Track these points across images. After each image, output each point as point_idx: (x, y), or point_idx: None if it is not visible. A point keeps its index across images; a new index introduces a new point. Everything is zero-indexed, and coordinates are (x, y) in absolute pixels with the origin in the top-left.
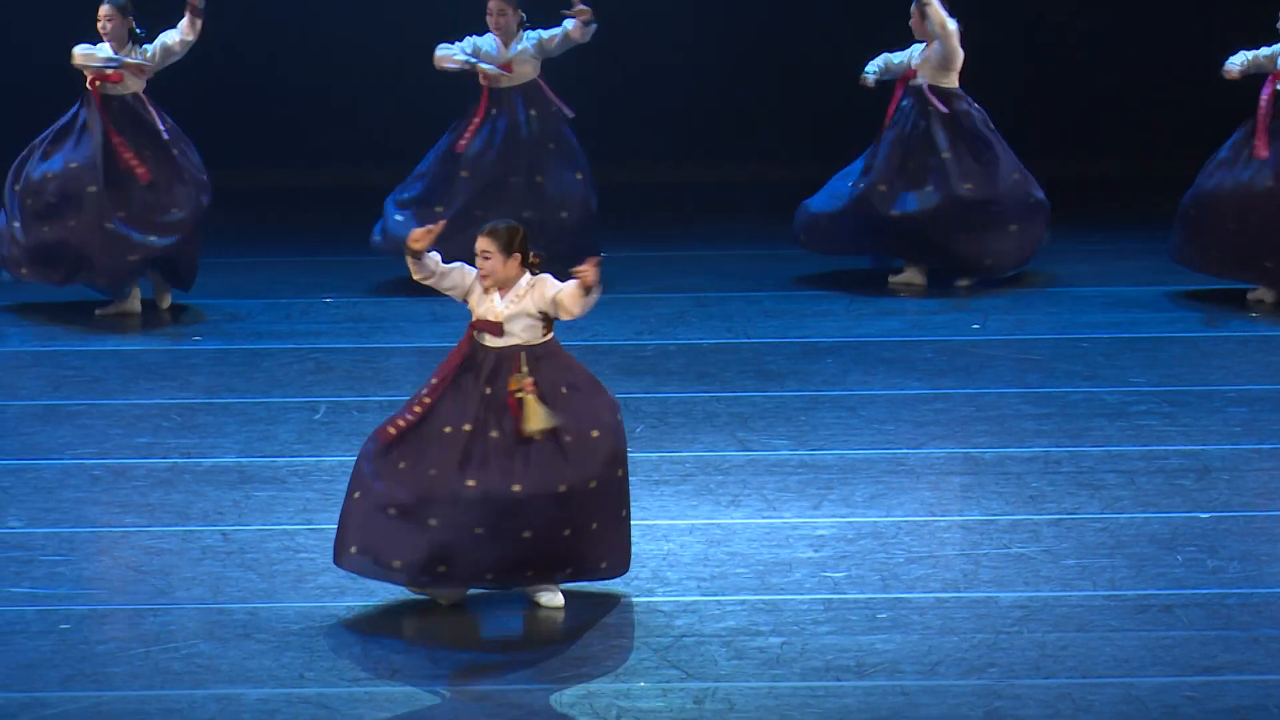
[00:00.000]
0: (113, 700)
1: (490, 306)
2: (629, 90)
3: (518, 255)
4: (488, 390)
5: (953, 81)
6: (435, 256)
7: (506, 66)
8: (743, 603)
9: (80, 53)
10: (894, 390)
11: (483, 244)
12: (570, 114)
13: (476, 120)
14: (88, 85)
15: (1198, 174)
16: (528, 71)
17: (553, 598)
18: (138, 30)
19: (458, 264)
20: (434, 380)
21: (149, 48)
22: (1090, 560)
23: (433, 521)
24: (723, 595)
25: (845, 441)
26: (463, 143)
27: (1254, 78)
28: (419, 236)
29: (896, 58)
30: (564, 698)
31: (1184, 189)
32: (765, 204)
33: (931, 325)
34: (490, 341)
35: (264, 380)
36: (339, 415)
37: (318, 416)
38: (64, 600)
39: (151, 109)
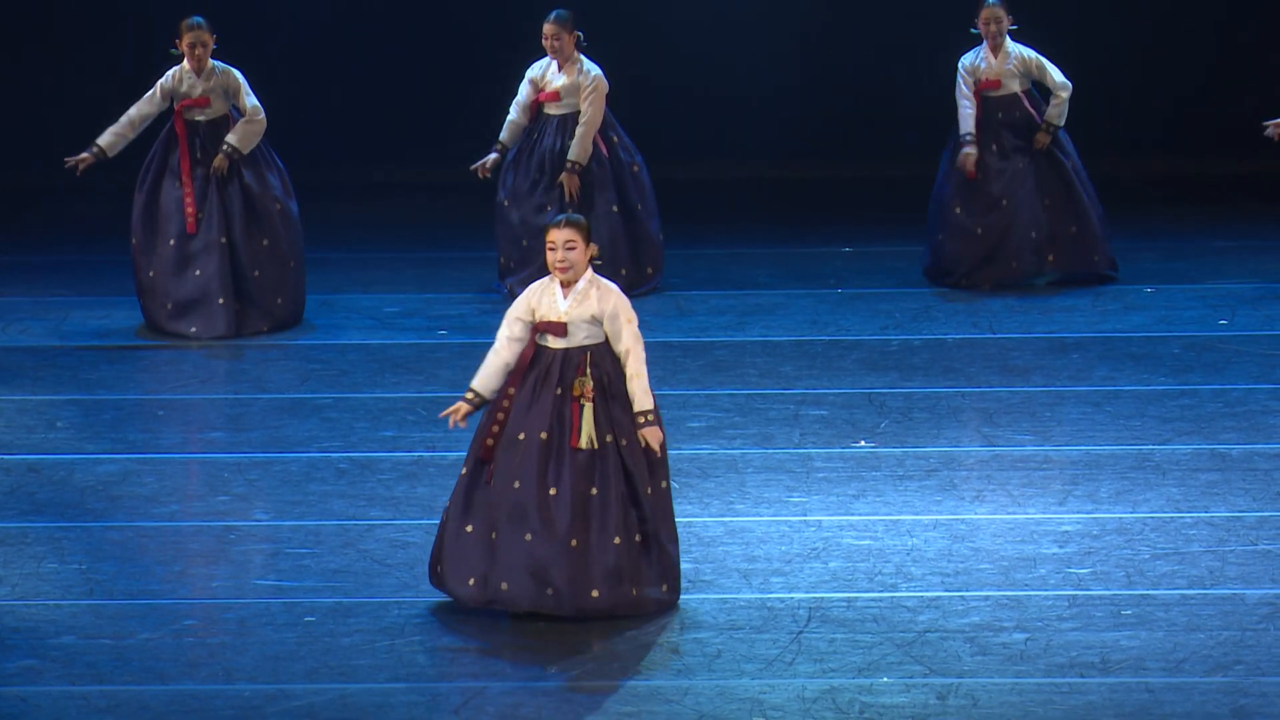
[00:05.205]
0: (357, 693)
1: (552, 305)
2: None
3: (593, 247)
4: (559, 392)
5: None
6: (489, 383)
7: (553, 95)
8: (986, 598)
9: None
10: (1140, 385)
11: (567, 234)
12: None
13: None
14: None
15: None
16: (570, 104)
17: None
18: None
19: (501, 346)
20: (509, 389)
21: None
22: None
23: (494, 535)
24: (966, 591)
25: (1091, 437)
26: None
27: None
28: None
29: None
30: (807, 693)
31: None
32: None
33: (1179, 320)
34: (553, 343)
35: None
36: None
37: None
38: (309, 593)
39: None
